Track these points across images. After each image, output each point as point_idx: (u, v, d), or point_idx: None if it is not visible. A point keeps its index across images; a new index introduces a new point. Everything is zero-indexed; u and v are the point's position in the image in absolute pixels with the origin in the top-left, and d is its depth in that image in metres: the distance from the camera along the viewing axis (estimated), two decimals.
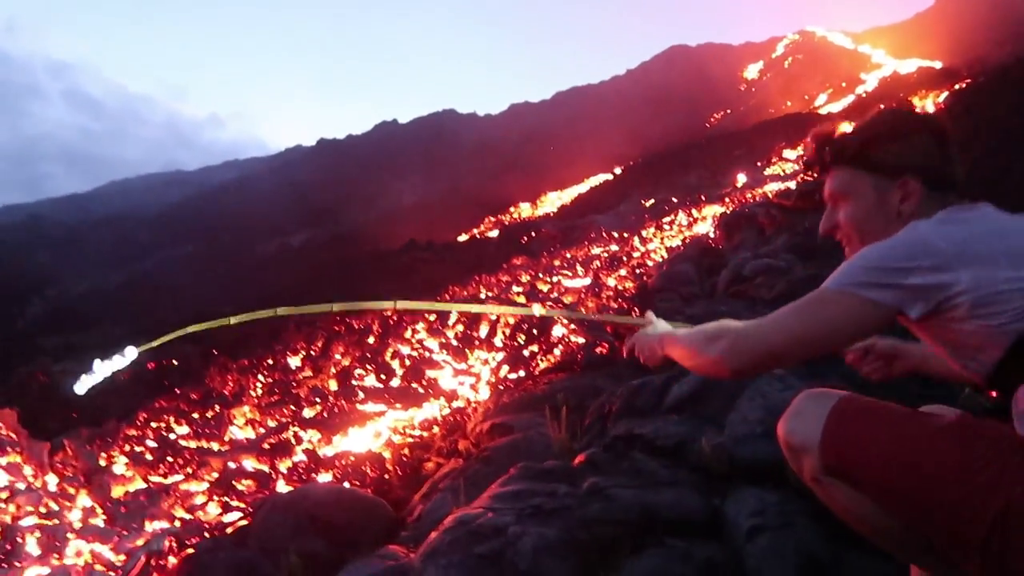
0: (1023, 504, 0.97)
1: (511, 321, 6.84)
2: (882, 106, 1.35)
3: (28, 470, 4.88)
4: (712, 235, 15.00)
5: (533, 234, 21.13)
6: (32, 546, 3.87)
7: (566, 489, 2.54)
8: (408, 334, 7.41)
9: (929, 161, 1.24)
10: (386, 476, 4.66)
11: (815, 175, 1.35)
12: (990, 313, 1.05)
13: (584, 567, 2.15)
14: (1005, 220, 1.15)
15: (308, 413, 6.21)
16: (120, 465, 5.41)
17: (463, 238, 24.56)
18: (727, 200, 17.33)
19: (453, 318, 7.14)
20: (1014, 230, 1.12)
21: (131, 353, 1.62)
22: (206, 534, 3.91)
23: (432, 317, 7.77)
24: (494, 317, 6.87)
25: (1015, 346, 1.06)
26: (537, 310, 1.87)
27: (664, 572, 2.07)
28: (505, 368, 6.09)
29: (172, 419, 6.54)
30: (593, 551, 2.21)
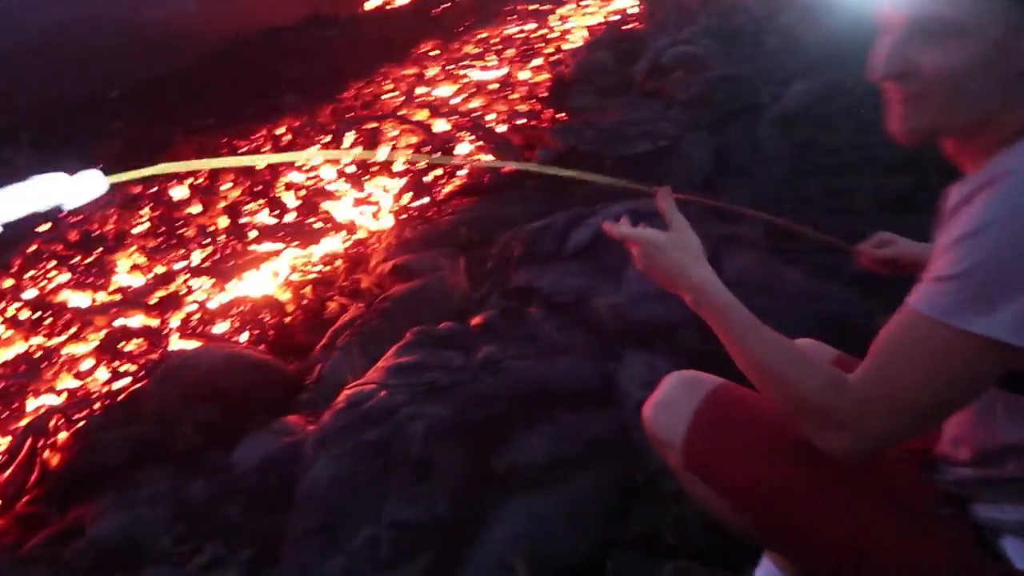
0: (874, 539, 0.97)
1: (413, 141, 6.58)
2: None
3: None
4: (634, 11, 14.38)
5: (448, 3, 19.78)
6: None
7: (461, 360, 2.56)
8: (301, 160, 7.08)
9: None
10: (287, 321, 4.64)
11: None
12: None
13: (476, 449, 2.22)
14: None
15: (198, 256, 6.02)
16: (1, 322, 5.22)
17: (371, 4, 22.49)
18: None
19: (349, 140, 6.81)
20: None
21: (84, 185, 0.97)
22: (96, 406, 3.89)
23: (328, 139, 7.40)
24: (395, 134, 6.58)
25: None
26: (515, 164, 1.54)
27: (553, 450, 2.16)
28: (408, 195, 5.94)
29: (50, 266, 6.26)
30: (485, 430, 2.27)
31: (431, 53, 15.22)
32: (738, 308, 1.03)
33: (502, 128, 7.27)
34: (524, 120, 7.49)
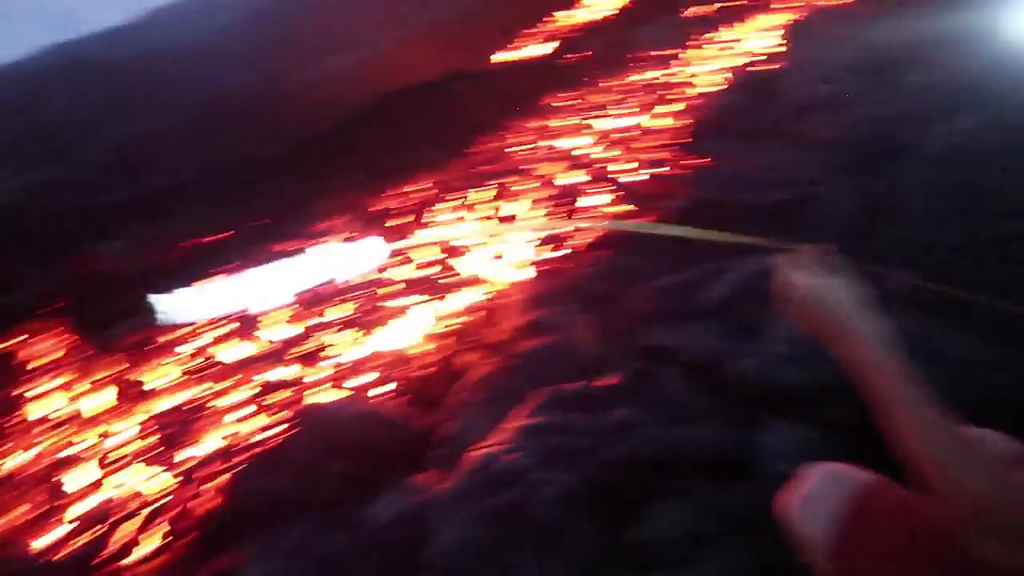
0: None
1: (542, 197, 6.68)
2: None
3: (80, 387, 5.20)
4: (769, 50, 14.04)
5: (570, 55, 20.37)
6: (91, 471, 4.22)
7: (590, 424, 2.52)
8: (439, 216, 7.34)
9: None
10: (421, 374, 4.76)
11: None
12: None
13: (606, 519, 2.16)
14: None
15: (337, 310, 6.30)
16: (164, 374, 5.68)
17: (502, 57, 23.25)
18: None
19: (477, 197, 7.02)
20: None
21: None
22: (245, 456, 4.12)
23: (457, 197, 7.64)
24: (522, 188, 6.71)
25: None
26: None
27: (688, 525, 2.07)
28: (538, 249, 6.00)
29: (203, 320, 6.72)
30: (616, 500, 2.21)
31: (558, 105, 15.50)
32: (905, 371, 0.91)
33: (631, 179, 7.25)
34: (654, 169, 7.43)
